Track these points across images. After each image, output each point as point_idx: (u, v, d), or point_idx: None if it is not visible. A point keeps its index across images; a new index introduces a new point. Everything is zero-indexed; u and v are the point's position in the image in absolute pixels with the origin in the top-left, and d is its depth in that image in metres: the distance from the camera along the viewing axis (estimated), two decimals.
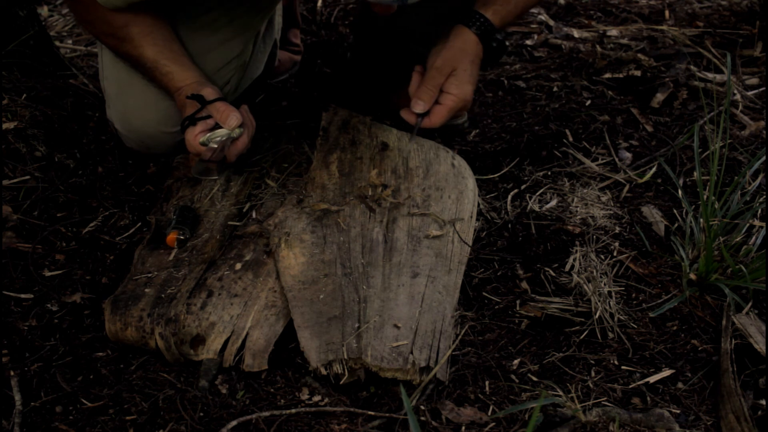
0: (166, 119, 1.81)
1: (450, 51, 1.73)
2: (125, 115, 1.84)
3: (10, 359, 1.43)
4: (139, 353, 1.46)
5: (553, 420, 1.31)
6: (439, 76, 1.72)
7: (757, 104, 2.22)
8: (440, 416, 1.34)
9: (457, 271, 1.60)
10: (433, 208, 1.71)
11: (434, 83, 1.72)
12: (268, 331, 1.46)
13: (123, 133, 1.87)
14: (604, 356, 1.47)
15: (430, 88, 1.73)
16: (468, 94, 1.73)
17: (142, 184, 1.89)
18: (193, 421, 1.29)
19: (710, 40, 2.51)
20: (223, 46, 1.83)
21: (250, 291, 1.52)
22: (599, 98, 2.20)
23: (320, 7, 2.76)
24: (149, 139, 1.86)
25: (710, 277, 1.59)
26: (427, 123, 1.75)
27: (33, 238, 1.69)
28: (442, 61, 1.72)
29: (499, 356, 1.49)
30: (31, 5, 2.08)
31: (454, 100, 1.73)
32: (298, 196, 1.73)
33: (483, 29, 1.73)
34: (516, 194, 1.88)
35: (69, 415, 1.34)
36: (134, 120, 1.84)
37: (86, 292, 1.60)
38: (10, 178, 1.78)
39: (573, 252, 1.66)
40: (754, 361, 1.46)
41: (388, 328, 1.45)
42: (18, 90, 1.97)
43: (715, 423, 1.36)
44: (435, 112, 1.74)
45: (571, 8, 2.77)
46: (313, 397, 1.38)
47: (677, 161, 1.96)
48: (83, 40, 2.57)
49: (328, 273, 1.56)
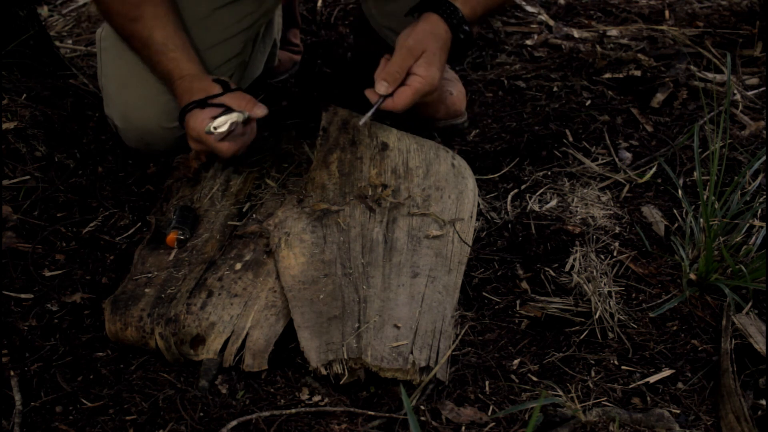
0: (165, 114, 1.81)
1: (419, 33, 1.67)
2: (125, 111, 1.84)
3: (10, 359, 1.43)
4: (139, 353, 1.46)
5: (553, 420, 1.31)
6: (408, 56, 1.66)
7: (757, 104, 2.22)
8: (440, 416, 1.34)
9: (457, 271, 1.60)
10: (433, 208, 1.71)
11: (401, 64, 1.66)
12: (268, 332, 1.46)
13: (123, 130, 1.87)
14: (604, 356, 1.47)
15: (396, 69, 1.66)
16: (435, 79, 1.67)
17: (142, 184, 1.89)
18: (193, 421, 1.29)
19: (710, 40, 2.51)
20: (224, 43, 1.83)
21: (250, 291, 1.52)
22: (599, 98, 2.19)
23: (320, 7, 2.76)
24: (148, 135, 1.85)
25: (710, 277, 1.59)
26: (389, 105, 1.68)
27: (33, 238, 1.69)
28: (412, 42, 1.66)
29: (499, 356, 1.49)
30: (31, 5, 2.08)
31: (422, 82, 1.66)
32: (298, 196, 1.73)
33: (452, 17, 1.68)
34: (516, 194, 1.88)
35: (69, 415, 1.34)
36: (134, 116, 1.83)
37: (86, 292, 1.60)
38: (10, 178, 1.78)
39: (573, 252, 1.66)
40: (754, 361, 1.46)
41: (388, 328, 1.45)
42: (18, 90, 1.97)
43: (715, 423, 1.36)
44: (399, 93, 1.67)
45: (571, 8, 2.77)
46: (313, 397, 1.38)
47: (677, 161, 1.96)
48: (83, 40, 2.57)
49: (328, 273, 1.56)
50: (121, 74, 1.83)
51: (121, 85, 1.84)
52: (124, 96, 1.84)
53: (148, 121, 1.83)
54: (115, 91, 1.85)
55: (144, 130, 1.85)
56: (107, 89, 1.88)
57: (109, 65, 1.85)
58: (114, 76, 1.85)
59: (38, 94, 1.98)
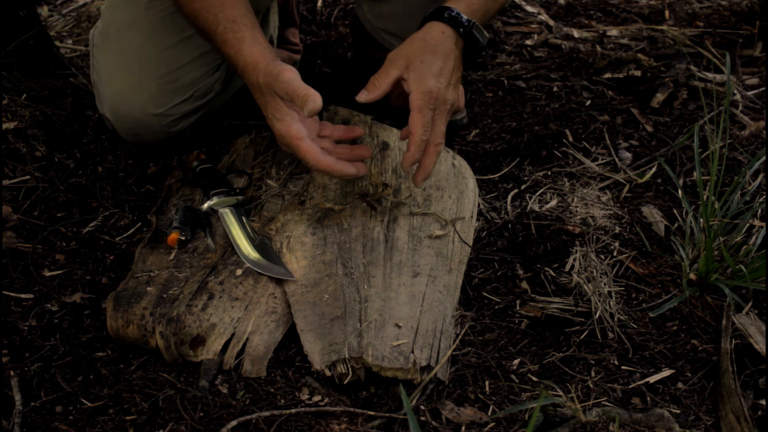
0: (151, 101, 1.80)
1: (407, 43, 1.62)
2: (114, 102, 1.84)
3: (10, 359, 1.43)
4: (139, 353, 1.46)
5: (553, 420, 1.31)
6: (389, 66, 1.60)
7: (757, 104, 2.22)
8: (440, 416, 1.34)
9: (457, 271, 1.60)
10: (433, 207, 1.71)
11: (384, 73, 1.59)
12: (268, 338, 1.46)
13: (115, 122, 1.87)
14: (604, 356, 1.47)
15: (378, 78, 1.59)
16: (431, 87, 1.55)
17: (142, 184, 1.89)
18: (193, 421, 1.29)
19: (710, 40, 2.51)
20: None
21: (250, 296, 1.52)
22: (599, 98, 2.19)
23: (320, 7, 2.76)
24: (136, 124, 1.84)
25: (710, 277, 1.59)
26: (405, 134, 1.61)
27: (33, 238, 1.69)
28: (394, 53, 1.61)
29: (499, 356, 1.49)
30: (31, 5, 2.08)
31: (418, 97, 1.55)
32: (299, 197, 1.73)
33: (455, 21, 1.61)
34: (516, 194, 1.88)
35: (69, 415, 1.34)
36: (122, 107, 1.83)
37: (86, 292, 1.60)
38: (10, 178, 1.78)
39: (573, 252, 1.66)
40: (754, 361, 1.46)
41: (389, 327, 1.45)
42: (18, 90, 1.97)
43: (715, 423, 1.36)
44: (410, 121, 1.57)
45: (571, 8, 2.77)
46: (313, 397, 1.38)
47: (677, 161, 1.96)
48: (83, 40, 2.57)
49: (329, 273, 1.56)
50: (108, 67, 1.83)
51: (109, 77, 1.84)
52: (112, 88, 1.83)
53: (134, 109, 1.82)
54: (104, 86, 1.85)
55: (132, 119, 1.84)
56: (98, 85, 1.88)
57: (98, 59, 1.86)
58: (102, 70, 1.85)
59: (38, 94, 1.98)
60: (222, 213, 1.67)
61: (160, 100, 1.78)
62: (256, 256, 1.57)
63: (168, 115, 1.82)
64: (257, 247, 1.60)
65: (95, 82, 1.89)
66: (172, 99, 1.82)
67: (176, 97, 1.82)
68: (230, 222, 1.65)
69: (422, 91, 1.55)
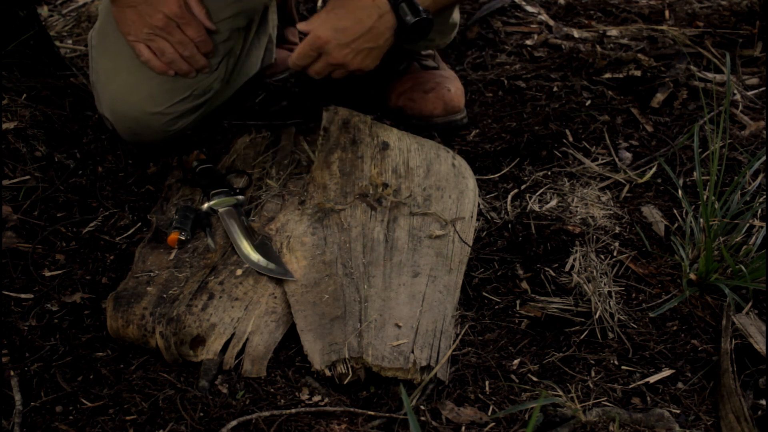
0: (149, 99, 1.80)
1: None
2: (112, 102, 1.84)
3: (10, 359, 1.43)
4: (139, 353, 1.46)
5: (553, 420, 1.31)
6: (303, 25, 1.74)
7: (757, 104, 2.22)
8: (440, 416, 1.34)
9: (457, 271, 1.60)
10: (433, 207, 1.71)
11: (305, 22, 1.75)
12: (268, 338, 1.46)
13: (114, 122, 1.87)
14: (604, 356, 1.47)
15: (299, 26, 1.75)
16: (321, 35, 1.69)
17: (142, 184, 1.89)
18: (193, 421, 1.29)
19: (710, 40, 2.51)
20: None
21: (250, 296, 1.52)
22: (599, 98, 2.19)
23: (320, 6, 2.76)
24: (135, 124, 1.84)
25: (710, 277, 1.59)
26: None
27: (33, 238, 1.69)
28: None
29: (499, 356, 1.49)
30: (31, 5, 2.08)
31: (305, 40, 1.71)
32: (299, 197, 1.73)
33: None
34: (516, 194, 1.88)
35: (69, 415, 1.34)
36: (120, 106, 1.83)
37: (86, 292, 1.60)
38: (10, 178, 1.78)
39: (573, 252, 1.66)
40: (754, 361, 1.46)
41: (389, 327, 1.45)
42: (18, 90, 1.96)
43: (715, 423, 1.36)
44: None
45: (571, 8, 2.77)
46: (313, 397, 1.38)
47: (677, 161, 1.96)
48: (83, 40, 2.56)
49: (329, 273, 1.56)
50: (107, 68, 1.83)
51: (107, 77, 1.84)
52: (110, 88, 1.83)
53: (133, 108, 1.82)
54: (103, 85, 1.85)
55: (131, 118, 1.84)
56: (96, 85, 1.88)
57: (97, 59, 1.86)
58: (101, 70, 1.85)
59: (38, 94, 1.98)
60: (222, 213, 1.68)
61: (159, 98, 1.78)
62: (256, 256, 1.57)
63: (167, 113, 1.82)
64: (257, 247, 1.60)
65: (94, 82, 1.89)
66: (171, 98, 1.82)
67: (175, 95, 1.82)
68: (230, 222, 1.65)
69: (313, 35, 1.68)
